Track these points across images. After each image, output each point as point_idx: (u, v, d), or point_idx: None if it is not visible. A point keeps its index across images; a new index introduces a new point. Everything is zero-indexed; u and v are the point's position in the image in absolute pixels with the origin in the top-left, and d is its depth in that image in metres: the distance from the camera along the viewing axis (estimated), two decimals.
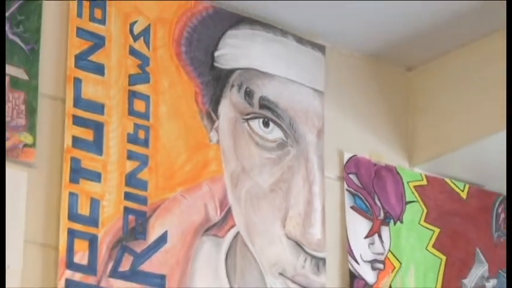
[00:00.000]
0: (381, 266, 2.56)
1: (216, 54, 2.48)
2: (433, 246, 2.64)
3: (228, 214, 2.40)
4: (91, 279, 2.19)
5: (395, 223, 2.61)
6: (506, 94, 2.39)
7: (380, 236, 2.58)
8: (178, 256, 2.31)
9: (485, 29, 2.66)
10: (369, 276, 2.53)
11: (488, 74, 2.63)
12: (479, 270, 2.68)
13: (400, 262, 2.58)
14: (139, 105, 2.36)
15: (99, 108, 2.30)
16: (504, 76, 2.59)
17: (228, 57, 2.50)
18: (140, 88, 2.37)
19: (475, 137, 2.61)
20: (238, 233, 2.40)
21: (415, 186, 2.66)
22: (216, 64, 2.48)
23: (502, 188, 2.77)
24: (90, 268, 2.21)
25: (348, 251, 2.53)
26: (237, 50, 2.52)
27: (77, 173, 2.24)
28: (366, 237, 2.56)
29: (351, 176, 2.58)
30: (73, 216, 2.21)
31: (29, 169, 2.21)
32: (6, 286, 2.12)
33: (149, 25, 2.42)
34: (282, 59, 2.56)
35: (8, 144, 2.20)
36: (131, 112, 2.35)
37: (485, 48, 2.66)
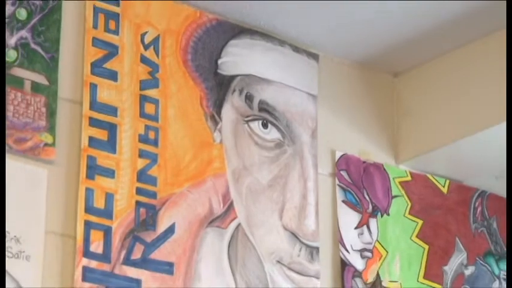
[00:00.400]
0: (369, 254, 2.56)
1: (219, 61, 2.49)
2: (417, 236, 2.64)
3: (230, 207, 2.41)
4: (105, 267, 2.20)
5: (382, 215, 2.61)
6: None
7: (368, 227, 2.58)
8: (185, 245, 2.32)
9: (464, 38, 2.63)
10: (359, 263, 2.53)
11: (468, 79, 2.62)
12: (459, 258, 2.69)
13: (386, 251, 2.58)
14: (149, 108, 2.37)
15: (113, 111, 2.31)
16: (482, 79, 2.58)
17: (230, 64, 2.50)
18: (150, 93, 2.38)
19: (454, 137, 2.61)
20: (239, 224, 2.40)
21: (400, 182, 2.67)
22: (219, 71, 2.48)
23: (479, 183, 2.80)
24: (104, 256, 2.21)
25: (339, 240, 2.53)
26: (238, 58, 2.52)
27: (93, 169, 2.25)
28: (356, 228, 2.56)
29: (342, 172, 2.58)
30: (89, 209, 2.22)
31: (49, 166, 2.21)
32: (28, 273, 2.12)
33: (158, 35, 2.42)
34: (279, 66, 2.56)
35: (30, 143, 2.19)
36: (142, 114, 2.35)
37: (464, 56, 2.65)
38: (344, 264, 2.52)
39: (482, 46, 2.63)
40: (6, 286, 2.08)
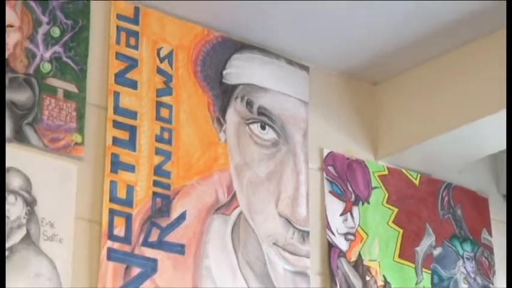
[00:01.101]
0: (352, 237, 2.57)
1: (224, 73, 2.49)
2: (393, 222, 2.65)
3: (233, 197, 2.41)
4: (127, 248, 2.21)
5: (363, 204, 2.62)
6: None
7: (351, 214, 2.59)
8: (194, 230, 2.33)
9: (435, 52, 2.62)
10: (343, 245, 2.54)
11: (437, 88, 2.62)
12: (428, 240, 2.70)
13: (367, 234, 2.59)
14: (164, 113, 2.37)
15: (133, 115, 2.32)
16: (449, 88, 2.59)
17: (233, 75, 2.51)
18: (165, 99, 2.38)
19: (425, 137, 2.61)
20: (241, 212, 2.41)
21: (379, 176, 2.67)
22: (224, 80, 2.49)
23: (445, 176, 2.81)
24: (126, 239, 2.23)
25: (326, 225, 2.54)
26: (240, 70, 2.52)
27: (116, 165, 2.26)
28: (341, 215, 2.57)
29: (329, 167, 2.59)
30: (113, 198, 2.24)
31: (79, 162, 2.22)
32: (61, 253, 2.12)
33: (172, 50, 2.43)
34: (275, 77, 2.56)
35: (62, 142, 2.20)
36: (158, 118, 2.36)
37: (435, 67, 2.64)
38: (331, 246, 2.53)
39: (447, 60, 2.62)
40: (43, 268, 2.09)
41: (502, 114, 2.46)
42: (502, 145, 2.63)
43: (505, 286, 2.03)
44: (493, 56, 2.51)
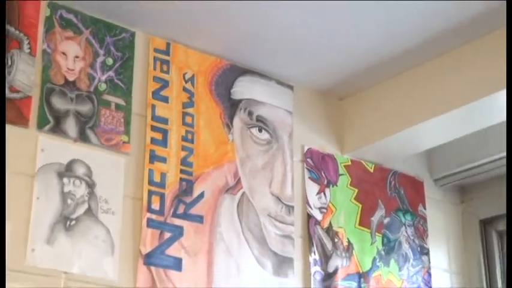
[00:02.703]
0: (324, 210, 2.57)
1: (231, 91, 2.49)
2: (354, 199, 2.65)
3: (238, 181, 2.41)
4: (161, 218, 2.22)
5: (333, 186, 2.62)
6: (506, 94, 2.16)
7: (324, 194, 2.59)
8: (210, 205, 2.33)
9: (390, 74, 2.56)
10: (318, 216, 2.54)
11: (388, 101, 2.59)
12: (380, 212, 2.68)
13: (335, 208, 2.59)
14: (188, 120, 2.38)
15: (165, 121, 2.33)
16: (398, 100, 2.56)
17: (238, 92, 2.51)
18: (189, 110, 2.39)
19: (378, 138, 2.59)
20: (244, 192, 2.41)
21: (344, 165, 2.67)
22: (231, 96, 2.49)
23: (392, 166, 2.75)
24: (160, 212, 2.22)
25: (306, 202, 2.54)
26: (243, 89, 2.52)
27: (153, 158, 2.27)
28: (317, 194, 2.57)
29: (308, 159, 2.59)
30: (151, 182, 2.24)
31: (126, 156, 2.23)
32: (113, 222, 2.12)
33: (194, 74, 2.43)
34: (268, 93, 2.56)
35: (114, 141, 2.21)
36: (184, 123, 2.37)
37: (390, 86, 2.60)
38: (309, 217, 2.53)
39: (397, 81, 2.58)
40: (100, 233, 2.10)
41: (435, 119, 2.43)
42: (435, 143, 2.65)
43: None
44: (435, 78, 2.47)
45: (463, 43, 2.38)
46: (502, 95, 2.24)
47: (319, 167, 2.60)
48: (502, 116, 2.37)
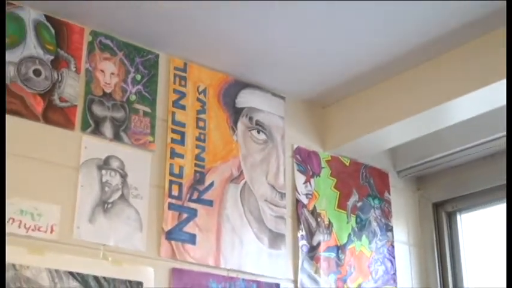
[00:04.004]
0: (310, 196, 2.55)
1: (236, 100, 2.48)
2: (334, 187, 2.63)
3: (241, 173, 2.40)
4: (179, 202, 2.21)
5: (316, 177, 2.60)
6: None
7: (310, 183, 2.58)
8: (218, 192, 2.31)
9: (367, 84, 2.49)
10: (305, 200, 2.53)
11: (362, 108, 2.55)
12: (354, 198, 2.67)
13: (318, 194, 2.58)
14: (201, 124, 2.37)
15: (183, 125, 2.33)
16: (374, 108, 2.50)
17: (241, 102, 2.50)
18: (202, 116, 2.38)
19: (353, 138, 2.57)
20: (246, 181, 2.40)
21: (325, 160, 2.66)
22: (235, 105, 2.48)
23: (364, 160, 2.69)
24: (179, 197, 2.21)
25: (295, 189, 2.53)
26: (245, 99, 2.50)
27: (173, 154, 2.26)
28: (303, 183, 2.56)
29: (297, 156, 2.58)
30: (171, 174, 2.23)
31: (151, 153, 2.21)
32: (141, 206, 2.10)
33: (206, 87, 2.42)
34: (265, 103, 2.54)
35: (142, 141, 2.19)
36: (197, 127, 2.36)
37: (366, 95, 2.54)
38: (297, 201, 2.52)
39: (372, 91, 2.54)
40: (131, 214, 2.08)
41: (399, 123, 2.39)
42: (398, 142, 2.60)
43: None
44: (400, 89, 2.42)
45: (425, 60, 2.36)
46: (453, 103, 2.23)
47: (305, 161, 2.59)
48: (452, 121, 2.38)
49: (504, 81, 2.05)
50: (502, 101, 2.12)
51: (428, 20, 2.10)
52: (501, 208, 2.64)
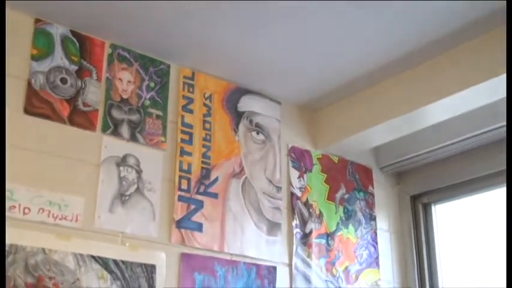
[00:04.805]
0: (303, 189, 2.55)
1: (238, 105, 2.48)
2: (324, 181, 2.62)
3: (242, 169, 2.39)
4: (188, 195, 2.21)
5: (309, 173, 2.60)
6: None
7: (303, 178, 2.57)
8: (223, 186, 2.31)
9: (355, 90, 2.47)
10: (299, 193, 2.53)
11: (348, 113, 2.56)
12: (342, 191, 2.66)
13: (311, 188, 2.58)
14: (207, 126, 2.37)
15: (191, 126, 2.33)
16: (360, 112, 2.50)
17: (242, 106, 2.49)
18: (207, 119, 2.38)
19: (340, 139, 2.57)
20: (246, 177, 2.39)
21: (317, 158, 2.65)
22: (238, 109, 2.47)
23: (350, 158, 2.66)
24: (187, 190, 2.20)
25: (290, 183, 2.52)
26: (246, 104, 2.50)
27: (183, 153, 2.26)
28: (298, 178, 2.56)
29: (291, 154, 2.58)
30: (181, 169, 2.22)
31: (163, 151, 2.21)
32: (154, 198, 2.09)
33: (211, 94, 2.42)
34: (263, 107, 2.54)
35: (155, 141, 2.18)
36: (204, 128, 2.36)
37: (352, 101, 2.54)
38: (292, 194, 2.50)
39: (358, 97, 2.52)
40: (146, 205, 2.07)
41: (381, 125, 2.38)
42: (381, 141, 2.59)
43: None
44: (381, 95, 2.40)
45: (403, 70, 2.35)
46: (428, 107, 2.24)
47: (299, 159, 2.58)
48: (428, 123, 2.38)
49: (470, 89, 2.10)
50: (470, 106, 2.19)
51: (408, 33, 2.09)
52: (471, 199, 2.68)
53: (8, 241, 1.73)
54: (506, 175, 2.03)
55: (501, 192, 2.46)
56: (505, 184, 2.26)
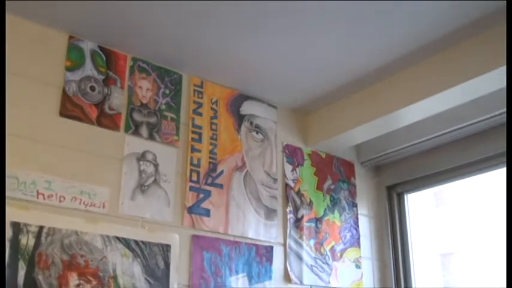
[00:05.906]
0: (296, 181, 2.55)
1: (240, 109, 2.48)
2: (314, 174, 2.62)
3: (244, 164, 2.40)
4: (197, 185, 2.21)
5: (301, 166, 2.60)
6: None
7: (296, 171, 2.57)
8: (227, 178, 2.31)
9: (341, 96, 2.45)
10: (292, 184, 2.53)
11: (336, 115, 2.55)
12: (329, 182, 2.66)
13: (302, 180, 2.58)
14: (214, 126, 2.37)
15: (200, 127, 2.33)
16: (347, 115, 2.47)
17: (244, 110, 2.49)
18: (214, 121, 2.38)
19: (327, 137, 2.56)
20: (247, 170, 2.40)
21: (307, 154, 2.64)
22: (240, 113, 2.48)
23: (336, 153, 2.63)
24: (197, 181, 2.20)
25: (284, 176, 2.53)
26: (247, 108, 2.50)
27: (193, 150, 2.26)
28: (291, 171, 2.56)
29: (286, 150, 2.58)
30: (192, 164, 2.22)
31: (176, 149, 2.21)
32: (169, 188, 2.08)
33: (218, 99, 2.42)
34: (262, 111, 2.54)
35: (170, 140, 2.18)
36: (211, 129, 2.36)
37: (340, 105, 2.53)
38: (286, 184, 2.49)
39: (345, 101, 2.49)
40: (162, 194, 2.05)
41: (362, 126, 2.35)
42: (362, 139, 2.57)
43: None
44: (363, 100, 2.37)
45: (383, 78, 2.33)
46: (403, 110, 2.23)
47: (292, 155, 2.57)
48: (402, 124, 2.37)
49: (436, 95, 2.11)
50: (439, 109, 2.19)
51: (390, 44, 2.07)
52: (436, 189, 2.73)
53: (47, 224, 1.78)
54: (506, 176, 2.07)
55: (461, 182, 2.52)
56: (472, 176, 2.33)
